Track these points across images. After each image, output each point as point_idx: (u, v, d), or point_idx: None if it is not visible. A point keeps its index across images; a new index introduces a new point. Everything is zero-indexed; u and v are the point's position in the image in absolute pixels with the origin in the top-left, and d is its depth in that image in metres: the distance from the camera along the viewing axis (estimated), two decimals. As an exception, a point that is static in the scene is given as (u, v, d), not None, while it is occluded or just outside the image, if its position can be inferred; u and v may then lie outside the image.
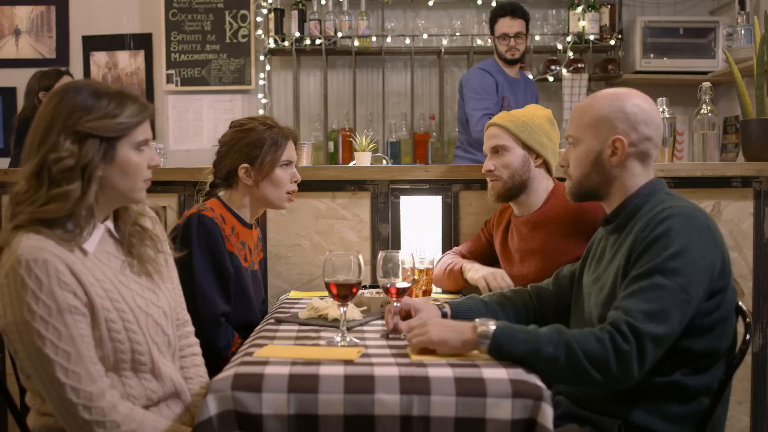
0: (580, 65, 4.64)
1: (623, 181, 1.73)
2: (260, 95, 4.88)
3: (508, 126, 2.33)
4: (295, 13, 4.65)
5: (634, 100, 1.72)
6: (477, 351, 1.57)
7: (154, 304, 1.59)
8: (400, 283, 1.75)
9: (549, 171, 2.38)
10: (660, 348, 1.53)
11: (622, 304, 1.55)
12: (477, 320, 1.58)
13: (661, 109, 2.75)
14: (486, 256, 2.54)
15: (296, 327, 1.90)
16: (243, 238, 2.24)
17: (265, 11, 4.73)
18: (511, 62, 3.93)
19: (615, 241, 1.75)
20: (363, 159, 2.88)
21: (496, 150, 2.34)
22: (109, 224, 1.58)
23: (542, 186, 2.36)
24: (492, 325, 1.56)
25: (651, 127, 1.71)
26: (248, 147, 2.20)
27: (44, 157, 1.45)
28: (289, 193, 2.26)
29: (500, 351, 1.53)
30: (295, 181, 2.27)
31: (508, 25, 3.89)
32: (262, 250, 2.42)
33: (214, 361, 1.98)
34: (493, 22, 3.96)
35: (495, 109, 3.78)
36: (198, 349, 1.81)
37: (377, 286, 1.99)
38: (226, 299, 2.13)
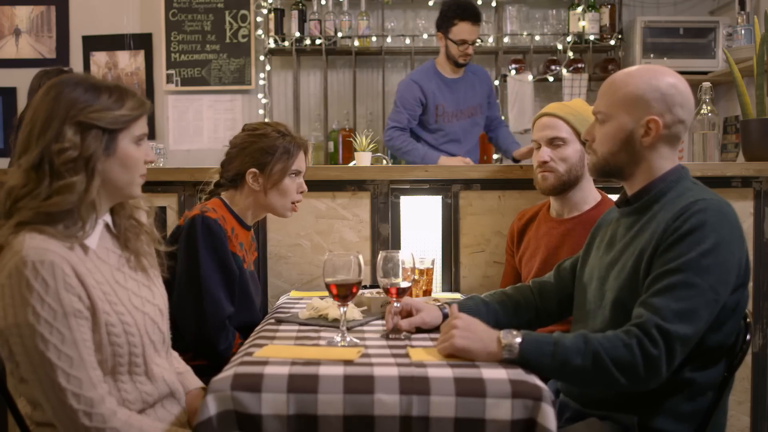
0: (580, 65, 4.64)
1: (650, 163, 1.69)
2: (260, 95, 4.88)
3: (568, 118, 2.27)
4: (295, 13, 4.65)
5: (669, 80, 1.67)
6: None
7: (150, 302, 1.58)
8: (401, 283, 1.75)
9: None
10: (688, 348, 1.53)
11: (652, 302, 1.53)
12: (502, 332, 1.55)
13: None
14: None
15: (296, 327, 1.90)
16: (241, 239, 2.23)
17: (265, 11, 4.73)
18: (461, 66, 3.79)
19: (632, 224, 1.71)
20: (363, 159, 2.88)
21: (553, 141, 2.28)
22: (107, 219, 1.57)
23: (590, 185, 2.32)
24: (517, 338, 1.53)
25: (685, 110, 1.67)
26: (259, 152, 2.19)
27: (46, 149, 1.42)
28: (293, 202, 2.26)
29: (527, 366, 1.51)
30: (302, 192, 2.27)
31: (468, 31, 3.68)
32: (255, 250, 2.42)
33: (216, 362, 1.98)
34: (449, 23, 3.69)
35: (407, 123, 3.72)
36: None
37: (377, 286, 1.99)
38: (231, 301, 2.13)
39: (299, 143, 2.23)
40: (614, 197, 2.36)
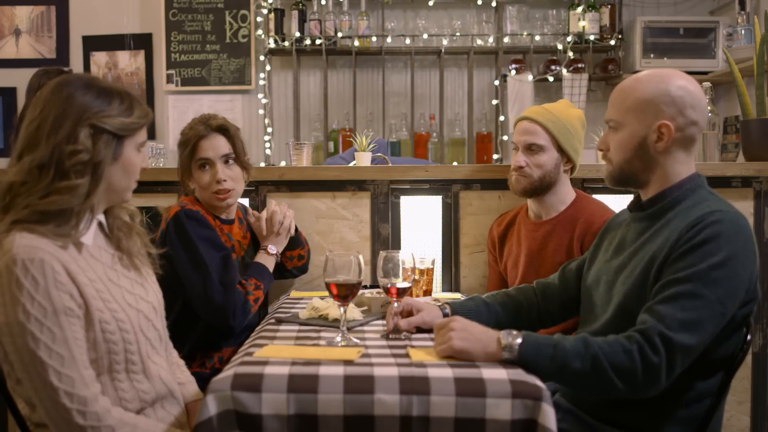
0: (580, 65, 4.64)
1: (666, 169, 1.67)
2: (260, 95, 4.88)
3: (547, 125, 2.27)
4: (295, 13, 4.65)
5: (678, 82, 1.65)
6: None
7: (144, 299, 1.59)
8: (401, 283, 1.75)
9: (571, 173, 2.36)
10: (689, 358, 1.51)
11: (657, 309, 1.51)
12: (502, 332, 1.54)
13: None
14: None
15: (296, 327, 1.90)
16: (226, 231, 2.28)
17: (265, 11, 4.73)
18: None
19: (644, 230, 1.70)
20: (363, 159, 2.88)
21: (530, 147, 2.29)
22: (101, 218, 1.57)
23: (566, 188, 2.34)
24: (517, 339, 1.52)
25: (697, 111, 1.64)
26: (179, 156, 2.27)
27: (56, 148, 1.42)
28: (216, 192, 2.20)
29: (526, 367, 1.50)
30: (220, 181, 2.18)
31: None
32: (248, 231, 2.41)
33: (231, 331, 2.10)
34: None
35: None
36: (174, 352, 1.81)
37: (377, 286, 1.99)
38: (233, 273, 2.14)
39: (194, 135, 2.19)
40: (598, 197, 2.40)
